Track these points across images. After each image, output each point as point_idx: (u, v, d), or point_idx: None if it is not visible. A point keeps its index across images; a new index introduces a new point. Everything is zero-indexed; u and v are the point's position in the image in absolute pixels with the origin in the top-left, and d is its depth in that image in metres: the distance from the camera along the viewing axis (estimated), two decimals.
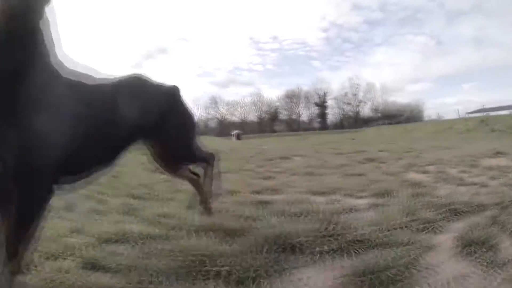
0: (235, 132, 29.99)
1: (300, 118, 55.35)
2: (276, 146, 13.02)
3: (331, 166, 5.58)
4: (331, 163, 5.97)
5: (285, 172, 5.09)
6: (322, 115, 55.24)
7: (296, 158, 7.31)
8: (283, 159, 7.21)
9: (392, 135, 22.39)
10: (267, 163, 6.46)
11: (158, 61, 72.21)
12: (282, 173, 5.05)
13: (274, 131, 47.42)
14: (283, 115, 55.51)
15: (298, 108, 54.90)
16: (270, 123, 53.35)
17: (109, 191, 3.40)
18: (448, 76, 74.63)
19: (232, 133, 30.36)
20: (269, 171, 5.30)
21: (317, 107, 54.85)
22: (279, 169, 5.53)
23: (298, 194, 3.35)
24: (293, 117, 54.96)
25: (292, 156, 7.61)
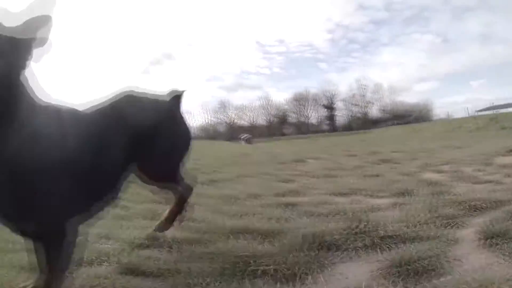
0: (244, 136, 29.29)
1: (309, 121, 55.68)
2: (287, 150, 13.11)
3: (347, 168, 5.71)
4: (347, 165, 6.09)
5: (303, 175, 5.21)
6: (331, 117, 55.59)
7: (310, 161, 7.41)
8: (298, 162, 7.30)
9: (401, 136, 22.30)
10: (283, 167, 6.56)
11: (165, 66, 73.20)
12: (300, 176, 5.17)
13: (283, 134, 47.54)
14: (291, 118, 55.93)
15: (307, 110, 55.34)
16: (279, 127, 53.52)
17: (130, 197, 3.41)
18: (455, 74, 74.39)
19: (240, 137, 29.90)
20: (287, 174, 5.40)
21: (325, 109, 55.12)
22: (297, 172, 5.64)
23: (321, 195, 3.48)
24: (301, 120, 55.28)
25: (306, 159, 7.72)
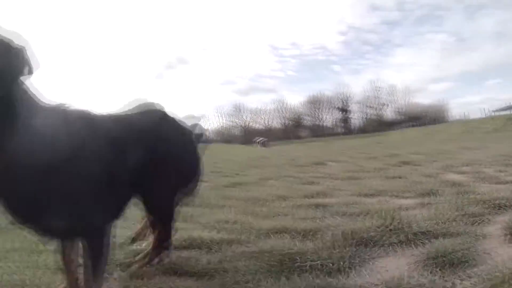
0: (259, 139, 29.42)
1: (324, 124, 55.60)
2: (304, 153, 13.23)
3: (369, 170, 5.87)
4: (368, 167, 6.24)
5: (326, 177, 5.39)
6: (345, 120, 55.31)
7: (331, 164, 7.57)
8: (318, 165, 7.48)
9: (418, 138, 22.20)
10: (304, 169, 6.75)
11: (178, 71, 74.05)
12: (323, 178, 5.35)
13: (298, 138, 47.52)
14: (306, 121, 56.07)
15: (321, 113, 55.31)
16: (294, 130, 53.56)
17: None
18: (470, 73, 73.61)
19: (256, 140, 30.07)
20: (309, 176, 5.59)
21: (340, 112, 54.96)
22: (319, 174, 5.82)
23: (348, 196, 3.65)
24: (316, 122, 55.24)
25: (326, 162, 7.86)
